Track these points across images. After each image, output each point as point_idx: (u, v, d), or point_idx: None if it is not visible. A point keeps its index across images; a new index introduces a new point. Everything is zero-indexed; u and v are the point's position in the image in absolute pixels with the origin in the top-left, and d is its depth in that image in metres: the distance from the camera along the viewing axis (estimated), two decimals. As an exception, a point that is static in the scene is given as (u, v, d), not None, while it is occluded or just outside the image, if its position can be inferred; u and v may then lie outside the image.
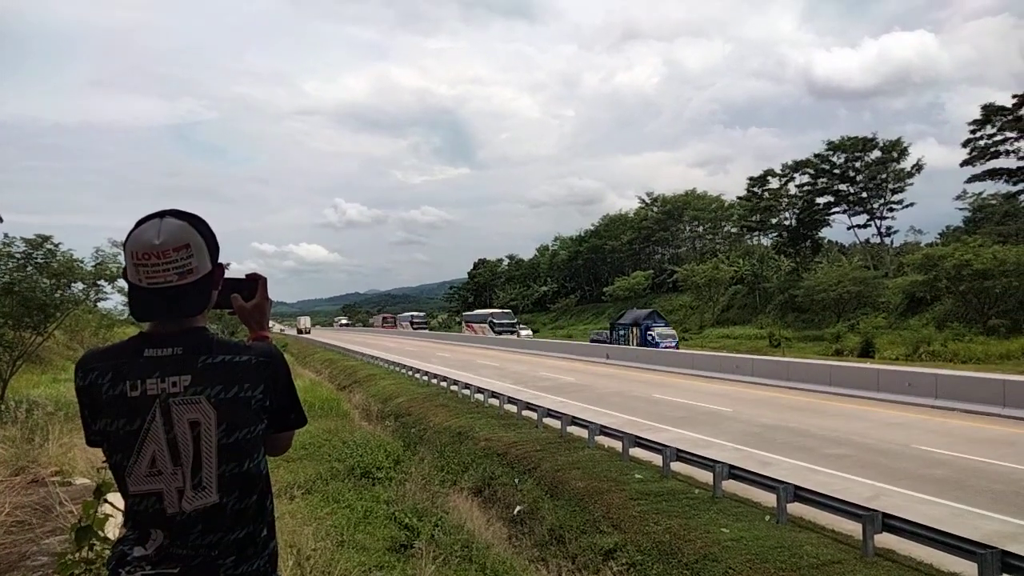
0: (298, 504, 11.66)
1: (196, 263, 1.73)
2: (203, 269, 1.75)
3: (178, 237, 1.71)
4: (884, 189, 60.36)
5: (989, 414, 16.83)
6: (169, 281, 1.70)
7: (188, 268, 1.71)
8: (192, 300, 1.74)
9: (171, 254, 1.70)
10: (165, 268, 1.70)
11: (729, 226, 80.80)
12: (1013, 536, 8.54)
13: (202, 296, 1.76)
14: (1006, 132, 48.29)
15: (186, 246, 1.71)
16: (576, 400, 21.69)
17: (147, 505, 1.69)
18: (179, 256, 1.70)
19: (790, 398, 21.26)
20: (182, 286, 1.71)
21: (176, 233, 1.71)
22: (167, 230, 1.71)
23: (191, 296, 1.73)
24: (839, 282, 49.45)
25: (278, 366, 1.83)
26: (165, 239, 1.70)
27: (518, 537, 12.36)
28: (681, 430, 16.26)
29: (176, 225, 1.73)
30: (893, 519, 8.33)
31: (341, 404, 26.55)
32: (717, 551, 9.00)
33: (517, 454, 15.28)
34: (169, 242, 1.70)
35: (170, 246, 1.70)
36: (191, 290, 1.73)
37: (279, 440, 1.91)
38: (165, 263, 1.69)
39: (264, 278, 2.02)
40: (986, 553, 7.02)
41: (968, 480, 11.35)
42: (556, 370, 32.61)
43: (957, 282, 40.46)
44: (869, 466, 12.45)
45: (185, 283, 1.72)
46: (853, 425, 16.30)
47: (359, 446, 16.68)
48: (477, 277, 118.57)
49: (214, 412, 1.69)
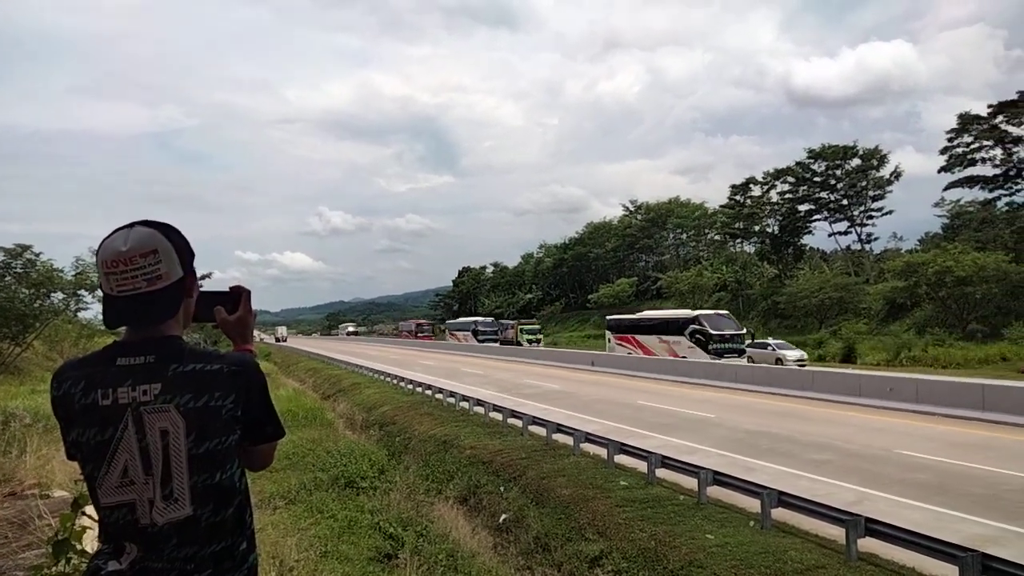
0: (281, 515, 11.57)
1: (165, 269, 1.72)
2: (173, 276, 1.74)
3: (145, 243, 1.70)
4: (864, 196, 61.18)
5: (969, 418, 17.02)
6: (138, 288, 1.70)
7: (156, 274, 1.71)
8: (162, 307, 1.73)
9: (138, 260, 1.69)
10: (133, 275, 1.69)
11: (712, 233, 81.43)
12: (993, 539, 8.63)
13: (172, 303, 1.75)
14: (982, 140, 49.11)
15: (153, 252, 1.70)
16: (561, 407, 21.68)
17: (118, 517, 1.67)
18: (146, 262, 1.70)
19: (773, 404, 21.38)
20: (151, 293, 1.71)
21: (143, 240, 1.71)
22: (134, 237, 1.71)
23: (161, 303, 1.72)
24: (821, 288, 49.96)
25: (251, 376, 1.80)
26: (132, 245, 1.69)
27: (504, 546, 12.31)
28: (666, 436, 16.29)
29: (144, 232, 1.72)
30: (876, 523, 8.37)
31: (325, 413, 26.36)
32: (702, 557, 9.01)
33: (502, 462, 15.24)
34: (136, 248, 1.69)
35: (136, 252, 1.69)
36: (160, 297, 1.72)
37: (258, 453, 1.88)
38: (133, 270, 1.69)
39: (247, 291, 2.01)
40: (967, 556, 7.08)
41: (949, 484, 11.46)
42: (541, 377, 32.59)
43: (937, 288, 41.01)
44: (852, 471, 12.54)
45: (154, 290, 1.71)
46: (836, 430, 16.42)
47: (343, 456, 16.56)
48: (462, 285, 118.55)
49: (182, 421, 1.67)
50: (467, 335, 72.68)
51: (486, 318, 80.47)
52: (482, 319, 78.41)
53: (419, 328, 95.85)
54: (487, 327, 72.31)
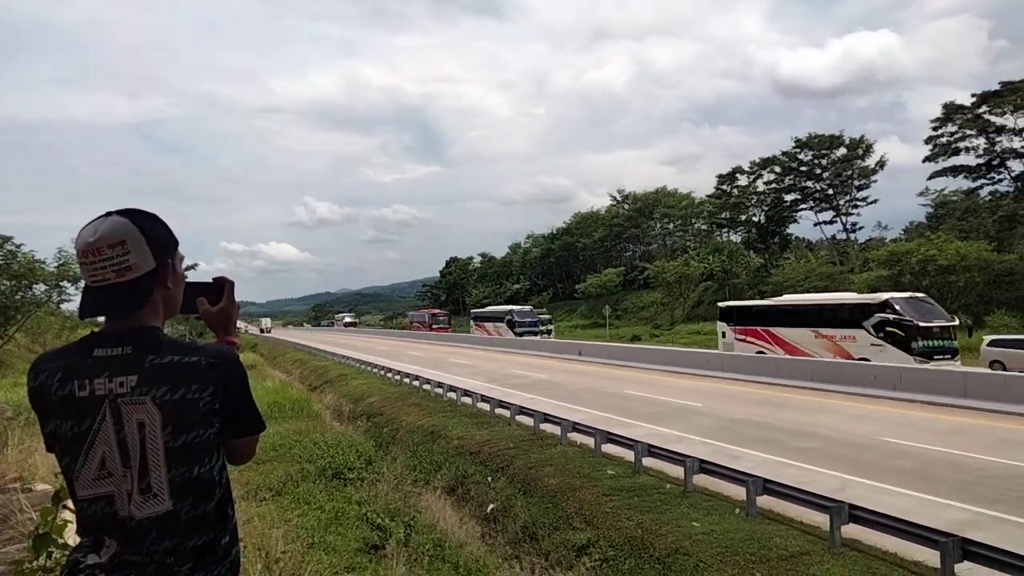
0: (267, 506, 11.53)
1: (134, 260, 1.69)
2: (143, 267, 1.71)
3: (113, 234, 1.68)
4: (849, 186, 61.59)
5: (951, 405, 17.24)
6: (107, 279, 1.68)
7: (125, 265, 1.68)
8: (130, 298, 1.71)
9: (106, 251, 1.67)
10: (102, 266, 1.68)
11: (699, 223, 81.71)
12: (973, 524, 8.77)
13: (141, 294, 1.72)
14: (966, 130, 49.50)
15: (121, 243, 1.68)
16: (549, 397, 21.75)
17: (96, 509, 1.65)
18: (114, 253, 1.68)
19: (759, 392, 21.54)
20: (120, 284, 1.69)
21: (112, 230, 1.69)
22: (104, 227, 1.69)
23: (128, 294, 1.70)
24: (807, 277, 50.36)
25: (230, 368, 1.77)
26: (100, 236, 1.68)
27: (491, 535, 12.35)
28: (653, 425, 16.38)
29: (114, 222, 1.70)
30: (859, 510, 8.48)
31: (312, 405, 26.28)
32: (688, 545, 9.09)
33: (490, 452, 15.28)
34: (104, 239, 1.67)
35: (104, 243, 1.67)
36: (129, 288, 1.70)
37: (239, 447, 1.85)
38: (101, 260, 1.67)
39: (231, 282, 1.98)
40: (947, 541, 7.19)
41: (931, 470, 11.61)
42: (529, 367, 32.66)
43: (921, 277, 41.38)
44: (836, 458, 12.67)
45: (123, 281, 1.69)
46: (820, 418, 16.58)
47: (330, 447, 16.53)
48: (449, 276, 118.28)
49: (159, 413, 1.65)
50: (500, 327, 59.37)
51: (523, 306, 65.74)
52: (519, 308, 63.50)
53: (434, 319, 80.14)
54: (526, 317, 58.53)
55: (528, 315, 58.84)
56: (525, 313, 59.47)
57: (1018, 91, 44.95)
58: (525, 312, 59.95)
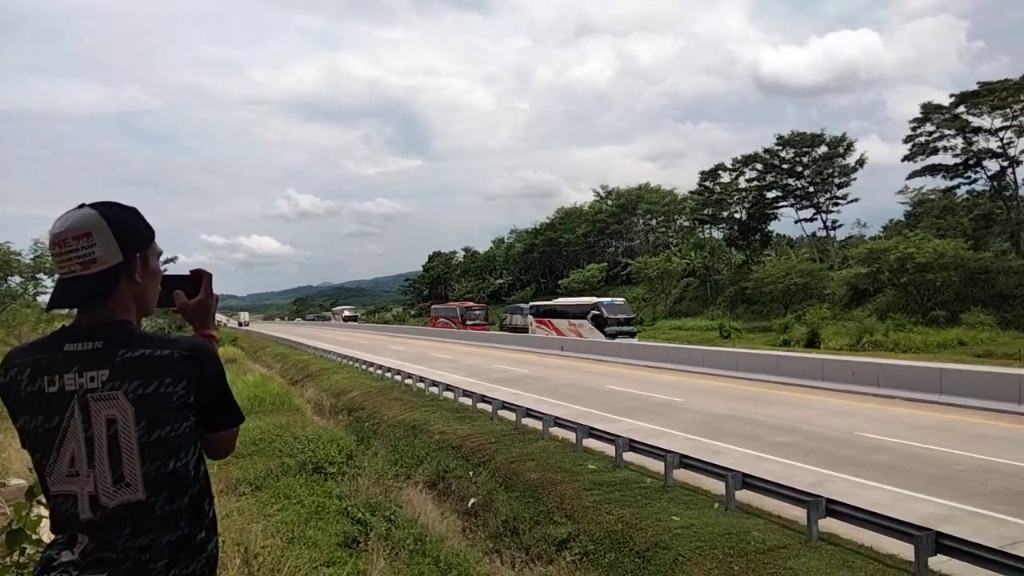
0: (247, 501, 11.46)
1: (100, 253, 1.67)
2: (110, 260, 1.69)
3: (80, 226, 1.66)
4: (830, 184, 62.14)
5: (928, 401, 17.47)
6: (73, 271, 1.67)
7: (90, 258, 1.67)
8: (95, 291, 1.69)
9: (71, 243, 1.66)
10: (68, 257, 1.67)
11: (681, 219, 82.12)
12: (947, 518, 8.91)
13: (106, 287, 1.70)
14: (944, 130, 50.07)
15: (87, 235, 1.66)
16: (531, 392, 21.78)
17: (67, 507, 1.64)
18: (80, 245, 1.66)
19: (740, 388, 21.72)
20: (85, 276, 1.67)
21: (79, 222, 1.67)
22: (71, 219, 1.67)
23: (94, 287, 1.68)
24: (787, 274, 50.76)
25: (205, 360, 1.74)
26: (67, 227, 1.66)
27: (472, 529, 12.37)
28: (634, 420, 16.47)
29: (82, 214, 1.68)
30: (836, 504, 8.58)
31: (292, 399, 26.12)
32: (667, 539, 9.15)
33: (472, 447, 15.28)
34: (70, 230, 1.66)
35: (70, 234, 1.66)
36: (94, 281, 1.68)
37: (217, 441, 1.83)
38: (68, 252, 1.66)
39: (209, 274, 1.96)
40: (922, 535, 7.29)
41: (907, 465, 11.77)
42: (511, 362, 32.68)
43: (899, 274, 41.95)
44: (814, 453, 12.81)
45: (88, 273, 1.67)
46: (799, 413, 16.75)
47: (311, 441, 16.44)
48: (432, 270, 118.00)
49: (132, 408, 1.63)
50: (580, 325, 44.95)
51: (615, 299, 47.63)
52: (608, 300, 46.19)
53: (468, 313, 65.28)
54: (618, 313, 43.53)
55: (621, 310, 44.50)
56: (617, 307, 44.64)
57: (995, 92, 45.53)
58: (617, 306, 44.95)
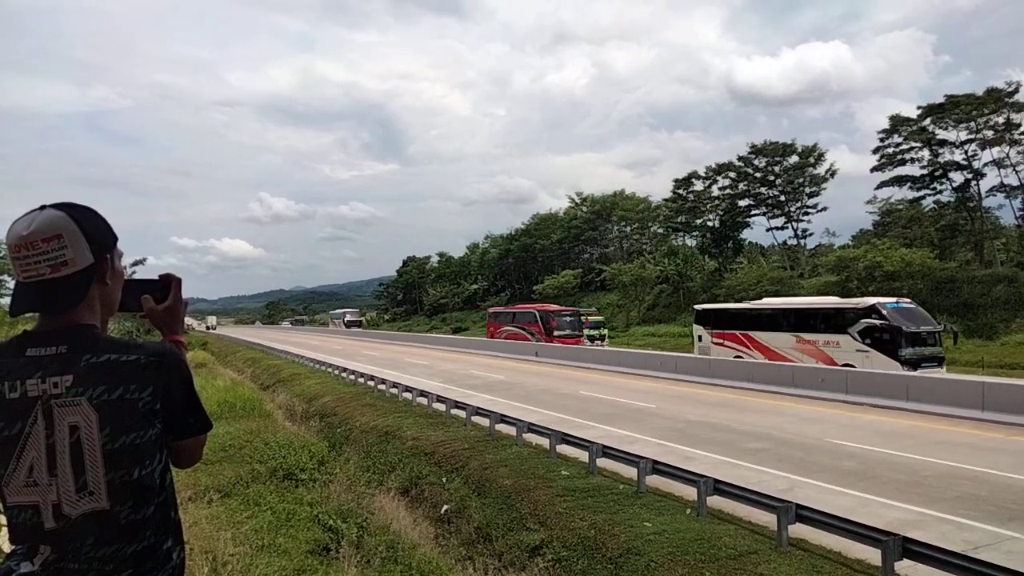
0: (216, 508, 11.27)
1: (71, 255, 1.63)
2: (81, 262, 1.64)
3: (49, 227, 1.61)
4: (801, 193, 63.06)
5: (895, 408, 17.78)
6: (41, 274, 1.61)
7: (61, 260, 1.62)
8: (65, 294, 1.64)
9: (40, 245, 1.60)
10: (36, 260, 1.61)
11: (655, 226, 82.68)
12: (914, 523, 9.06)
13: (78, 290, 1.65)
14: (911, 141, 51.14)
15: (57, 236, 1.61)
16: (505, 398, 21.75)
17: (25, 518, 1.58)
18: (49, 247, 1.61)
19: (713, 394, 21.90)
20: (55, 279, 1.62)
21: (48, 223, 1.61)
22: (39, 221, 1.62)
23: (64, 290, 1.63)
24: (758, 282, 51.39)
25: (172, 366, 1.70)
26: (34, 229, 1.60)
27: (445, 536, 12.30)
28: (607, 427, 16.51)
29: (50, 215, 1.63)
30: (806, 510, 8.68)
31: (263, 404, 25.78)
32: (640, 544, 9.17)
33: (445, 453, 15.20)
34: (38, 232, 1.60)
35: (39, 236, 1.60)
36: (65, 284, 1.63)
37: (184, 448, 1.79)
38: (36, 255, 1.61)
39: (178, 279, 1.92)
40: (889, 540, 7.41)
41: (875, 471, 11.95)
42: (486, 368, 32.62)
43: (867, 283, 42.68)
44: (785, 459, 12.95)
45: (58, 276, 1.62)
46: (771, 420, 16.93)
47: (282, 447, 16.23)
48: (406, 275, 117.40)
49: (95, 415, 1.58)
50: (837, 345, 26.78)
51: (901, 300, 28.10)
52: (892, 302, 26.90)
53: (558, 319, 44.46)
54: (919, 323, 25.88)
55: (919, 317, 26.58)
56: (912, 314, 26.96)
57: (960, 105, 46.62)
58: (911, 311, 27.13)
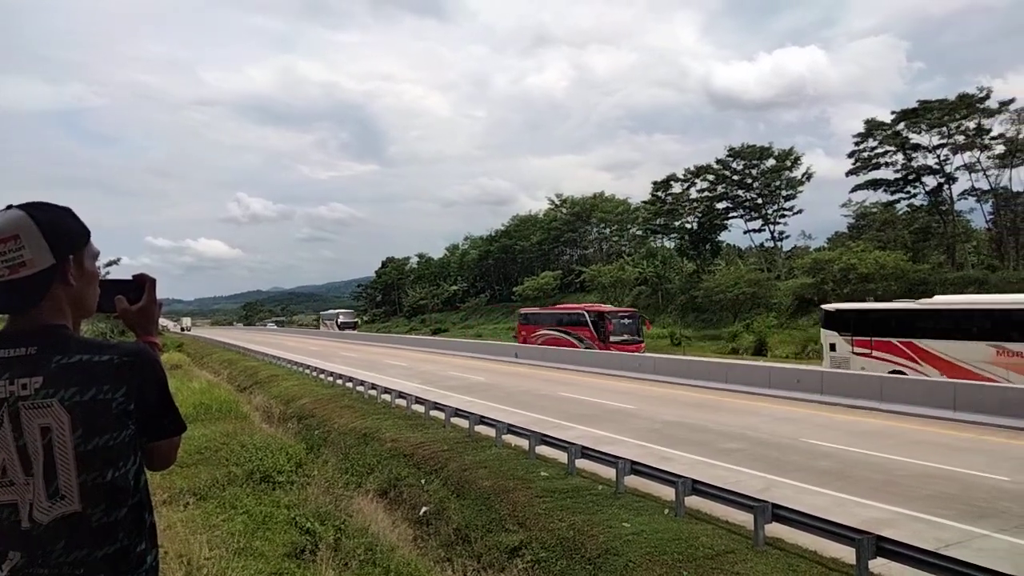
0: (191, 512, 11.12)
1: (29, 256, 1.60)
2: (40, 263, 1.62)
3: (6, 228, 1.59)
4: (777, 196, 63.84)
5: (869, 408, 18.03)
6: (1, 276, 1.59)
7: (19, 261, 1.59)
8: (24, 296, 1.62)
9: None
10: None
11: (634, 228, 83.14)
12: (887, 522, 9.19)
13: (36, 291, 1.63)
14: (886, 146, 51.95)
15: (14, 237, 1.59)
16: (485, 399, 21.73)
17: (3, 517, 1.56)
18: (6, 248, 1.59)
19: (690, 395, 22.05)
20: (13, 281, 1.60)
21: (5, 224, 1.59)
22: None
23: (22, 291, 1.61)
24: (736, 284, 51.87)
25: (145, 366, 1.68)
26: None
27: (424, 538, 12.25)
28: (587, 427, 16.56)
29: (9, 216, 1.61)
30: (782, 509, 8.76)
31: (240, 406, 25.50)
32: (618, 545, 9.21)
33: (424, 454, 15.15)
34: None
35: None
36: (23, 285, 1.61)
37: (157, 451, 1.77)
38: None
39: (152, 279, 1.89)
40: (863, 539, 7.50)
41: (849, 471, 12.10)
42: (466, 369, 32.57)
43: (843, 284, 43.26)
44: (761, 459, 13.07)
45: (16, 277, 1.60)
46: (747, 420, 17.08)
47: (259, 449, 16.06)
48: (385, 276, 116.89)
49: (67, 416, 1.56)
50: None
51: None
52: None
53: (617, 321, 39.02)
54: None
55: None
56: None
57: (932, 111, 47.45)
58: None
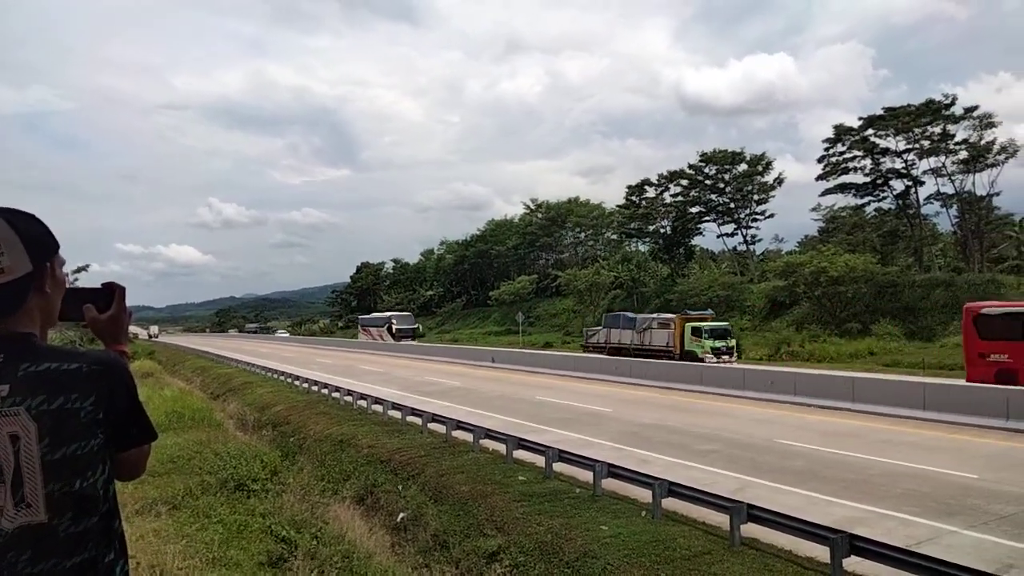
0: (164, 521, 10.93)
1: (8, 262, 1.58)
2: (18, 269, 1.60)
3: None
4: (749, 200, 64.59)
5: (841, 409, 18.31)
6: None
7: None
8: (3, 303, 1.59)
9: None
10: None
11: (609, 233, 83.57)
12: (861, 520, 9.32)
13: (15, 299, 1.61)
14: (854, 151, 52.88)
15: None
16: (462, 404, 21.67)
17: None
18: None
19: (666, 398, 22.21)
20: None
21: None
22: None
23: (2, 299, 1.59)
24: (710, 287, 52.48)
25: (115, 374, 1.67)
26: None
27: (401, 544, 12.16)
28: (564, 431, 16.59)
29: None
30: (757, 509, 8.84)
31: (214, 414, 25.14)
32: (596, 548, 9.22)
33: (401, 460, 15.06)
34: None
35: None
36: (1, 292, 1.58)
37: (128, 460, 1.74)
38: None
39: (122, 287, 1.86)
40: (837, 537, 7.60)
41: (822, 470, 12.27)
42: (442, 374, 32.46)
43: (814, 287, 43.87)
44: (736, 460, 13.20)
45: None
46: (723, 422, 17.24)
47: (233, 457, 15.84)
48: (360, 281, 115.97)
49: (34, 425, 1.53)
50: None
51: None
52: None
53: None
54: None
55: None
56: None
57: (898, 116, 48.43)
58: None
